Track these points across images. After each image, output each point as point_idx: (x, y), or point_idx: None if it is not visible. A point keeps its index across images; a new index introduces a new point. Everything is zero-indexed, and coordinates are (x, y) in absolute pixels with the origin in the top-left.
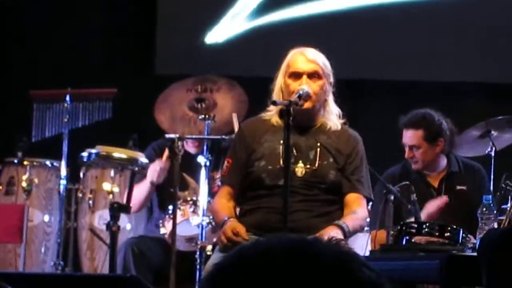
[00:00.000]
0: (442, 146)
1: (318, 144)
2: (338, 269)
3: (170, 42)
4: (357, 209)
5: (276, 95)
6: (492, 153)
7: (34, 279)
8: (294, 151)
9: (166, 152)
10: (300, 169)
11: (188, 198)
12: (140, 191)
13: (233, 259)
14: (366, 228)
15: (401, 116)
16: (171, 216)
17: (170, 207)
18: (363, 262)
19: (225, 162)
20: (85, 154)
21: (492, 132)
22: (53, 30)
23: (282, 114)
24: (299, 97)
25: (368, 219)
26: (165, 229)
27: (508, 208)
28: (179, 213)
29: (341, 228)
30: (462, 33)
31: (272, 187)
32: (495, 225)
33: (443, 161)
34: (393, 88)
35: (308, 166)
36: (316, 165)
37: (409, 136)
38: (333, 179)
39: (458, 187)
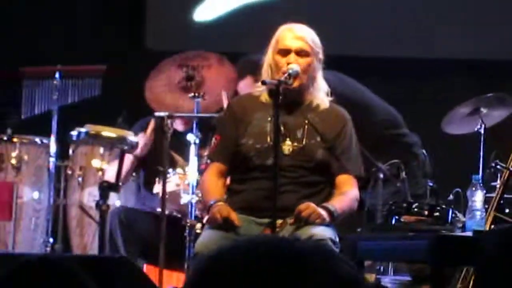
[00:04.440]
0: None
1: (306, 122)
2: (318, 267)
3: (161, 18)
4: (347, 190)
5: (265, 72)
6: (482, 131)
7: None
8: (282, 129)
9: (151, 125)
10: (287, 146)
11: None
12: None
13: (215, 263)
14: None
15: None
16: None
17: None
18: (342, 258)
19: (213, 139)
20: (74, 133)
21: (482, 109)
22: (42, 5)
23: (271, 93)
24: (289, 75)
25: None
26: (158, 188)
27: (498, 186)
28: (174, 177)
29: (328, 210)
30: (451, 9)
31: (260, 166)
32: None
33: None
34: (381, 65)
35: (296, 144)
36: (303, 143)
37: (243, 87)
38: (320, 158)
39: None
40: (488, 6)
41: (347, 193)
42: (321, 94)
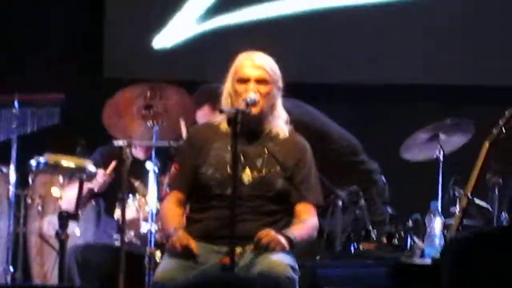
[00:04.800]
0: None
1: (266, 151)
2: None
3: (118, 45)
4: (306, 219)
5: (224, 100)
6: (441, 157)
7: None
8: (242, 158)
9: (113, 164)
10: (247, 176)
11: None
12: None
13: None
14: None
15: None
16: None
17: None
18: None
19: (173, 168)
20: (33, 162)
21: (441, 135)
22: (0, 33)
23: (230, 121)
24: (247, 104)
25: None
26: (119, 214)
27: (457, 212)
28: (134, 204)
29: (287, 237)
30: (411, 36)
31: (219, 196)
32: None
33: None
34: (340, 92)
35: (255, 173)
36: (263, 172)
37: (201, 116)
38: (280, 188)
39: None
40: (448, 33)
41: (306, 221)
42: (280, 123)
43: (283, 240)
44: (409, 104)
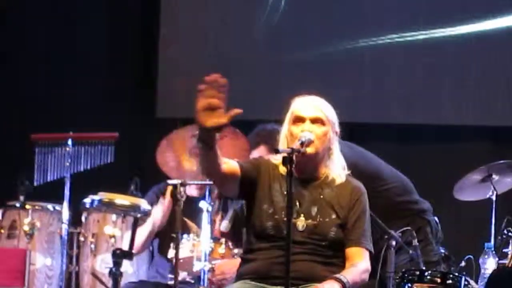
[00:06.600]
0: None
1: (321, 197)
2: None
3: (171, 85)
4: (358, 262)
5: (281, 143)
6: (493, 197)
7: None
8: (298, 204)
9: (168, 193)
10: (301, 222)
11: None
12: (142, 232)
13: None
14: None
15: None
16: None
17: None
18: None
19: None
20: (87, 200)
21: (494, 176)
22: (55, 72)
23: (284, 161)
24: (302, 144)
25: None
26: (172, 253)
27: (510, 252)
28: (188, 244)
29: (340, 281)
30: (463, 76)
31: (273, 237)
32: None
33: None
34: (393, 132)
35: (310, 221)
36: (317, 221)
37: (256, 156)
38: (333, 237)
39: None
40: (503, 74)
41: (358, 264)
42: (337, 168)
43: (336, 286)
44: (462, 144)
